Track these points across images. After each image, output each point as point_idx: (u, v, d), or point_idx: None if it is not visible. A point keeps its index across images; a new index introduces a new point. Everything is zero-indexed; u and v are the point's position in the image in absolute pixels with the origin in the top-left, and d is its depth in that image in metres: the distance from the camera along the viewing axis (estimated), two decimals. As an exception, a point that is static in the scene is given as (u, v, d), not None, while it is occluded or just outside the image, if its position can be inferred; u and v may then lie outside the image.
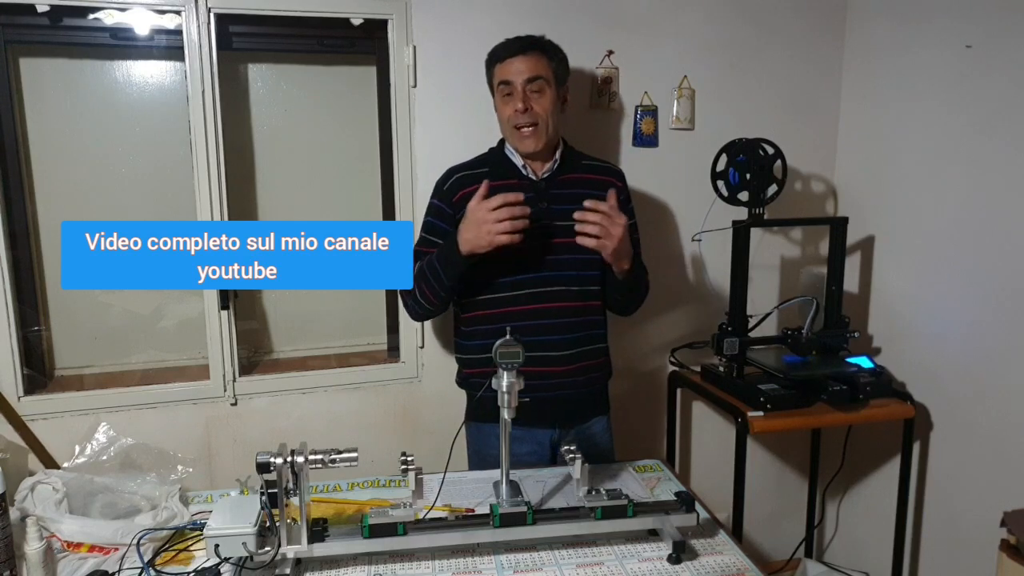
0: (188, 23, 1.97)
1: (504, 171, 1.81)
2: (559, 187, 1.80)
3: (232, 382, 2.14)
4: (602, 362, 1.90)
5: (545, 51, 1.78)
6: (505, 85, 1.76)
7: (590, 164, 1.88)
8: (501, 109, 1.79)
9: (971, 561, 2.12)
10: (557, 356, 1.78)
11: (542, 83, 1.75)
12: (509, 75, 1.75)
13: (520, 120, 1.74)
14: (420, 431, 2.28)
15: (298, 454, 1.24)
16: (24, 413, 1.99)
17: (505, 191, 1.75)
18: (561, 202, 1.77)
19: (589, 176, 1.84)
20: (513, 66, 1.75)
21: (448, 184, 1.82)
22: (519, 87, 1.74)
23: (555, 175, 1.81)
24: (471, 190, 1.75)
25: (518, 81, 1.74)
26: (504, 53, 1.78)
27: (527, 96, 1.74)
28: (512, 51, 1.77)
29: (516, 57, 1.76)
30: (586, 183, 1.82)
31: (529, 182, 1.79)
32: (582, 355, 1.81)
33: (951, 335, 2.16)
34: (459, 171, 1.83)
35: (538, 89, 1.75)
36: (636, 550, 1.37)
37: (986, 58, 2.00)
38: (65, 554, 1.37)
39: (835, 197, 2.55)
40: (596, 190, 1.80)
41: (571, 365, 1.80)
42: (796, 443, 2.69)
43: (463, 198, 1.77)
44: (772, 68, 2.42)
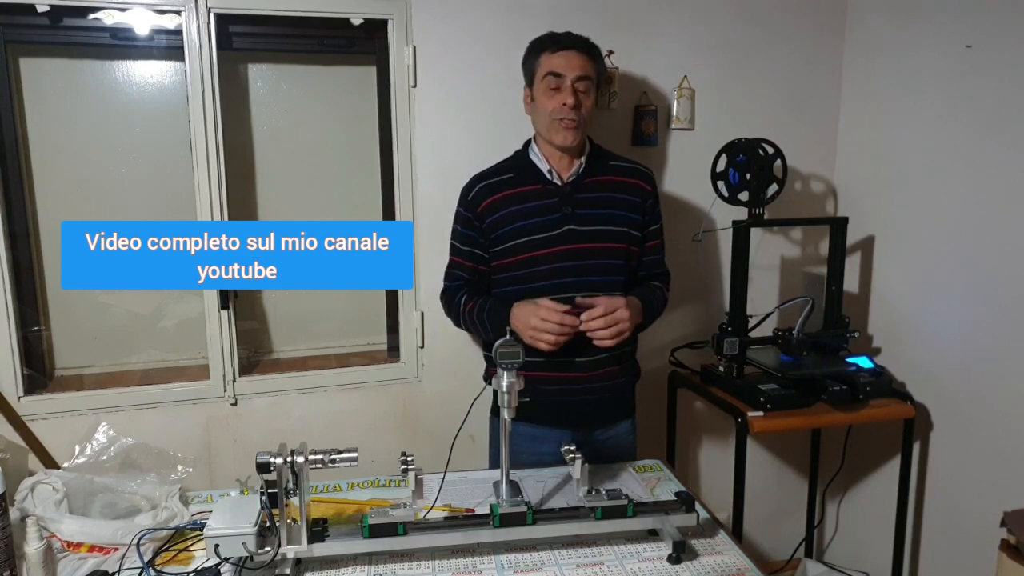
0: (188, 23, 1.97)
1: (528, 177, 1.79)
2: (585, 191, 1.77)
3: (232, 382, 2.14)
4: (628, 366, 1.88)
5: (593, 55, 1.77)
6: (554, 77, 1.72)
7: (618, 165, 1.84)
8: (544, 101, 1.74)
9: (971, 561, 2.12)
10: (583, 362, 1.75)
11: (589, 84, 1.74)
12: (562, 68, 1.71)
13: (567, 114, 1.70)
14: (420, 431, 2.28)
15: (298, 454, 1.24)
16: (24, 413, 1.99)
17: (530, 197, 1.75)
18: (586, 207, 1.76)
19: (616, 179, 1.81)
20: (567, 60, 1.72)
21: (472, 194, 1.80)
22: (570, 82, 1.71)
23: (581, 178, 1.78)
24: (496, 199, 1.76)
25: (570, 76, 1.71)
26: (556, 45, 1.74)
27: (577, 92, 1.71)
28: (566, 44, 1.74)
29: (570, 51, 1.73)
30: (613, 186, 1.80)
31: (554, 187, 1.77)
32: (608, 360, 1.78)
33: (951, 335, 2.16)
34: (483, 179, 1.81)
35: (584, 89, 1.73)
36: (636, 550, 1.37)
37: (986, 58, 2.00)
38: (65, 554, 1.37)
39: (835, 197, 2.55)
40: (623, 193, 1.80)
41: (597, 371, 1.77)
42: (796, 443, 2.69)
43: (488, 207, 1.77)
44: (772, 68, 2.42)
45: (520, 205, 1.76)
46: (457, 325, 1.88)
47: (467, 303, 1.78)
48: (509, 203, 1.76)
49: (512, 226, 1.75)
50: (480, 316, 1.75)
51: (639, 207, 1.81)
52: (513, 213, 1.76)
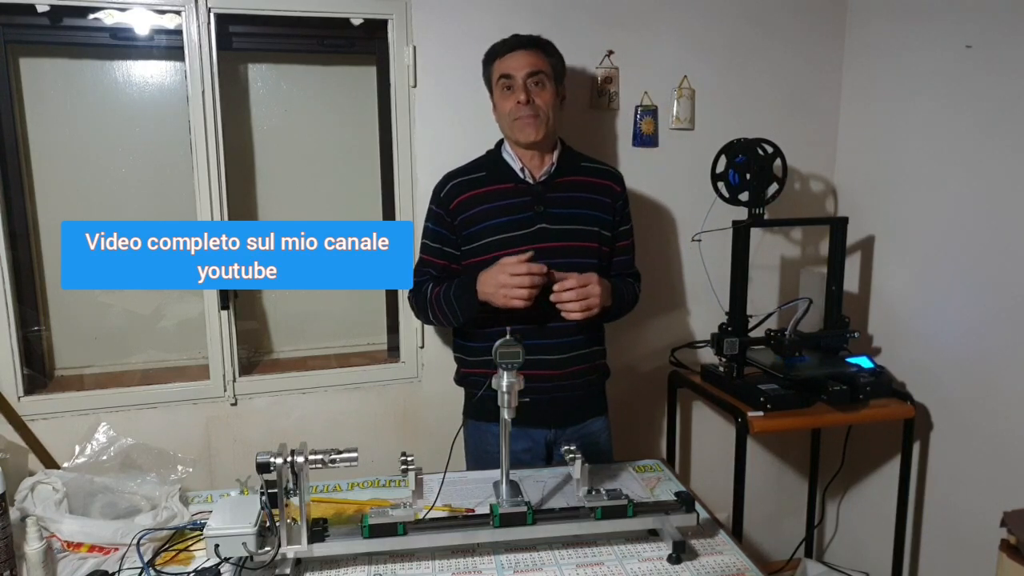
0: (188, 23, 1.97)
1: (501, 175, 1.81)
2: (556, 190, 1.80)
3: (232, 382, 2.14)
4: (598, 365, 1.90)
5: (543, 48, 1.80)
6: (506, 79, 1.76)
7: (589, 166, 1.87)
8: (501, 104, 1.79)
9: (971, 561, 2.12)
10: (553, 360, 1.78)
11: (542, 77, 1.76)
12: (510, 69, 1.76)
13: (522, 112, 1.74)
14: (420, 431, 2.28)
15: (298, 454, 1.24)
16: (24, 413, 1.99)
17: (502, 195, 1.76)
18: (558, 206, 1.78)
19: (587, 179, 1.84)
20: (514, 60, 1.76)
21: (445, 191, 1.82)
22: (520, 80, 1.74)
23: (552, 178, 1.80)
24: (468, 196, 1.77)
25: (519, 75, 1.74)
26: (503, 49, 1.79)
27: (528, 89, 1.74)
28: (511, 46, 1.78)
29: (516, 52, 1.77)
30: (584, 186, 1.82)
31: (526, 186, 1.79)
32: (578, 359, 1.81)
33: (951, 335, 2.16)
34: (455, 177, 1.83)
35: (538, 83, 1.75)
36: (636, 550, 1.37)
37: (986, 58, 2.00)
38: (65, 554, 1.37)
39: (835, 197, 2.55)
40: (593, 194, 1.82)
41: (567, 369, 1.80)
42: (796, 443, 2.69)
43: (460, 205, 1.78)
44: (772, 68, 2.42)
45: (492, 203, 1.77)
46: (425, 319, 1.87)
47: (433, 289, 1.78)
48: (481, 201, 1.78)
49: (484, 224, 1.77)
50: (446, 295, 1.74)
51: (609, 207, 1.83)
52: (485, 211, 1.77)
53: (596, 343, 1.88)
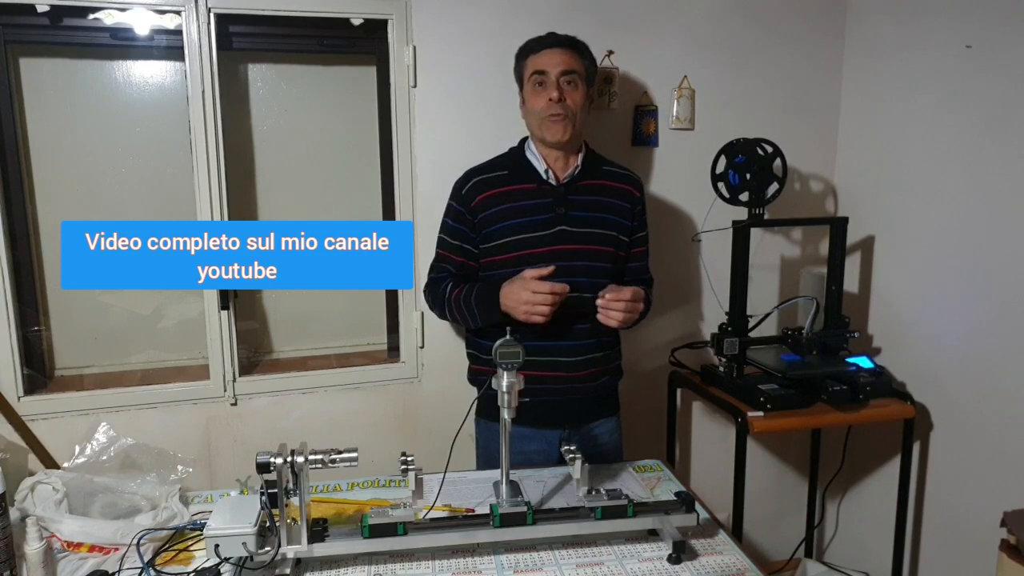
0: (188, 23, 1.97)
1: (524, 175, 1.80)
2: (578, 193, 1.79)
3: (232, 382, 2.14)
4: (613, 366, 1.90)
5: (579, 50, 1.79)
6: (539, 75, 1.75)
7: (610, 171, 1.87)
8: (532, 100, 1.77)
9: (971, 561, 2.12)
10: (569, 362, 1.78)
11: (575, 77, 1.75)
12: (545, 65, 1.74)
13: (553, 110, 1.73)
14: (420, 431, 2.28)
15: (298, 454, 1.24)
16: (24, 413, 1.99)
17: (524, 195, 1.76)
18: (579, 208, 1.77)
19: (608, 183, 1.83)
20: (549, 57, 1.75)
21: (467, 188, 1.81)
22: (554, 78, 1.73)
23: (575, 180, 1.80)
24: (489, 194, 1.77)
25: (554, 72, 1.73)
26: (539, 45, 1.78)
27: (561, 88, 1.73)
28: (548, 43, 1.77)
29: (553, 49, 1.76)
30: (605, 190, 1.82)
31: (549, 187, 1.78)
32: (594, 361, 1.82)
33: (951, 335, 2.16)
34: (477, 174, 1.82)
35: (571, 82, 1.75)
36: (636, 550, 1.37)
37: (986, 58, 2.00)
38: (65, 554, 1.37)
39: (835, 197, 2.55)
40: (614, 198, 1.82)
41: (582, 371, 1.80)
42: (796, 443, 2.69)
43: (481, 203, 1.78)
44: (772, 68, 2.42)
45: (514, 203, 1.77)
46: (441, 315, 1.87)
47: (453, 290, 1.78)
48: (502, 200, 1.77)
49: (504, 223, 1.76)
50: (467, 300, 1.74)
51: (628, 212, 1.84)
52: (506, 210, 1.77)
53: (612, 346, 1.88)
